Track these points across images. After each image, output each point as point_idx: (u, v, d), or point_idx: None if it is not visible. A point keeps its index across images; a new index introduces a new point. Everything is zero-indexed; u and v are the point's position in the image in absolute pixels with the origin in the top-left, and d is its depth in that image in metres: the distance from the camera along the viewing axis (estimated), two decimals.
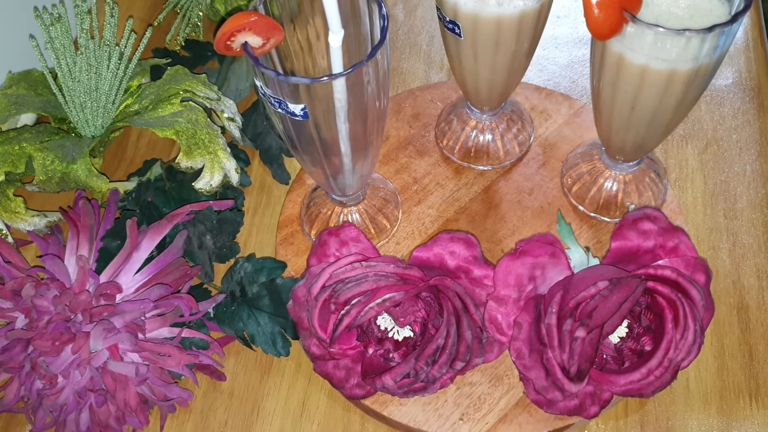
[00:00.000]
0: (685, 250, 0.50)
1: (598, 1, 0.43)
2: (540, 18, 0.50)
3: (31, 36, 0.57)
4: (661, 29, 0.42)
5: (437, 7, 0.51)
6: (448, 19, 0.50)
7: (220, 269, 0.56)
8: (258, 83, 0.45)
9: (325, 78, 0.42)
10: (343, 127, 0.47)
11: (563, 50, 0.68)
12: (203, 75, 0.60)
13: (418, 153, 0.62)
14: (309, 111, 0.44)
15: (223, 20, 0.67)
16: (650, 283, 0.47)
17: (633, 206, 0.56)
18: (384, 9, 0.44)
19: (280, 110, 0.45)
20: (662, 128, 0.51)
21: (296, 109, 0.44)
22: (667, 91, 0.46)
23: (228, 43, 0.42)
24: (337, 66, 0.44)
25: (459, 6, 0.48)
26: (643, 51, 0.44)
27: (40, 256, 0.49)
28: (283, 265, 0.54)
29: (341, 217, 0.57)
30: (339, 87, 0.43)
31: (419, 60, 0.69)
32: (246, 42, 0.43)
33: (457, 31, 0.50)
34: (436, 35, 0.70)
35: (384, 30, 0.44)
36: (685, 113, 0.50)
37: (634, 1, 0.44)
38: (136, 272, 0.51)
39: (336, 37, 0.42)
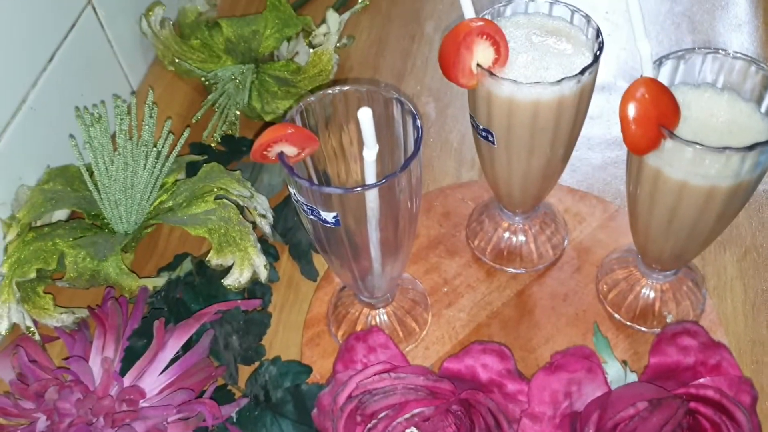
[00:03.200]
0: (727, 367, 0.48)
1: (635, 117, 0.43)
2: (579, 107, 0.49)
3: (71, 136, 0.59)
4: (699, 147, 0.42)
5: (470, 115, 0.51)
6: (481, 127, 0.50)
7: (245, 370, 0.55)
8: (292, 190, 0.45)
9: (359, 188, 0.42)
10: (374, 234, 0.46)
11: (596, 151, 0.68)
12: (237, 172, 0.61)
13: (448, 253, 0.61)
14: (341, 218, 0.44)
15: (259, 117, 0.69)
16: (692, 404, 0.45)
17: (671, 316, 0.55)
18: (418, 121, 0.44)
19: (312, 217, 0.45)
20: (702, 240, 0.49)
21: (328, 216, 0.44)
22: (707, 205, 0.45)
23: (264, 153, 0.43)
24: (371, 177, 0.44)
25: (493, 91, 0.46)
26: (682, 167, 0.43)
27: (66, 359, 0.48)
28: (308, 370, 0.53)
29: (369, 318, 0.56)
30: (372, 197, 0.43)
31: (450, 158, 0.69)
32: (282, 152, 0.43)
33: (491, 138, 0.50)
34: (467, 133, 0.71)
35: (418, 141, 0.44)
36: (726, 225, 0.49)
37: (672, 116, 0.44)
38: (161, 372, 0.50)
39: (371, 152, 0.42)
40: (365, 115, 0.40)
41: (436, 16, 0.83)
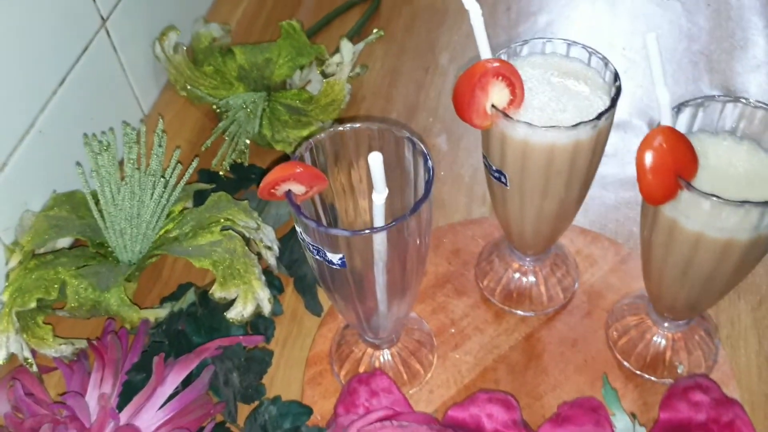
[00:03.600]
0: (741, 426, 0.46)
1: (652, 166, 0.42)
2: (596, 150, 0.48)
3: (78, 163, 0.58)
4: (717, 199, 0.41)
5: (483, 155, 0.50)
6: (494, 167, 0.49)
7: (244, 408, 0.54)
8: (298, 229, 0.44)
9: (366, 231, 0.41)
10: (381, 277, 0.45)
11: (610, 190, 0.67)
12: (245, 202, 0.60)
13: (456, 292, 0.60)
14: (347, 259, 0.43)
15: (269, 145, 0.68)
16: None
17: (682, 367, 0.53)
18: (429, 162, 0.43)
19: (318, 257, 0.44)
20: (717, 291, 0.48)
21: (334, 258, 0.43)
22: (724, 257, 0.44)
23: (272, 191, 0.42)
24: (379, 220, 0.43)
25: (508, 132, 0.46)
26: (699, 219, 0.42)
27: (63, 394, 0.47)
28: (308, 411, 0.51)
29: (373, 359, 0.55)
30: (379, 240, 0.42)
31: (461, 193, 0.68)
32: (289, 190, 0.42)
33: (504, 180, 0.49)
34: (479, 168, 0.70)
35: (428, 183, 0.43)
36: (743, 277, 0.47)
37: (690, 166, 0.43)
38: (159, 408, 0.49)
39: (380, 196, 0.41)
40: (375, 160, 0.39)
41: (451, 48, 0.82)
